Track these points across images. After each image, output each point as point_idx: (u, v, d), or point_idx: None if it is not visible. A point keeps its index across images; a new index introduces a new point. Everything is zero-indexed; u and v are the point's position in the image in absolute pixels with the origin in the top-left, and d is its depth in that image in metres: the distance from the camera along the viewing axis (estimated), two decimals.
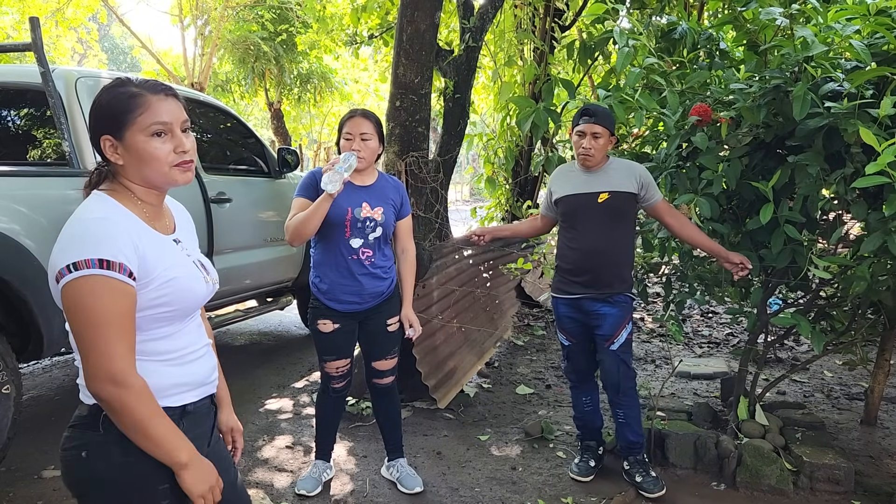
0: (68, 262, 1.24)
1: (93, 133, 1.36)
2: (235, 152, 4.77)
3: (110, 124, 1.33)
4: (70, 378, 4.59)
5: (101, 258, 1.24)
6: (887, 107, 2.33)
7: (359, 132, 2.74)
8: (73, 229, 1.29)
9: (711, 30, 3.39)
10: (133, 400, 1.25)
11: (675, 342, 5.76)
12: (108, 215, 1.31)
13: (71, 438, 1.36)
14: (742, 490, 3.11)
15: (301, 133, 22.10)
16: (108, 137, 1.33)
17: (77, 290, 1.24)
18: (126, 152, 1.34)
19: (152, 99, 1.34)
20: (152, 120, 1.33)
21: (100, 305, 1.24)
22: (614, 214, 2.98)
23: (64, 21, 14.22)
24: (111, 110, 1.33)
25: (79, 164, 3.22)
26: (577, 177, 3.06)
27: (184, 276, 1.40)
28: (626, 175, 2.98)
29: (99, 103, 1.35)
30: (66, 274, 1.24)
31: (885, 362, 3.74)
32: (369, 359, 2.99)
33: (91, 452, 1.33)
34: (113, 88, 1.35)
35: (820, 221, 3.19)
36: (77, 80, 3.34)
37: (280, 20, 13.78)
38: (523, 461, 3.42)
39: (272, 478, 3.19)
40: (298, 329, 6.17)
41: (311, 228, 2.64)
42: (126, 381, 1.25)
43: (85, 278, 1.24)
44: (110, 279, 1.25)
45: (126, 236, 1.30)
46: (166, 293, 1.35)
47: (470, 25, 4.56)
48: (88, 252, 1.24)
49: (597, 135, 2.92)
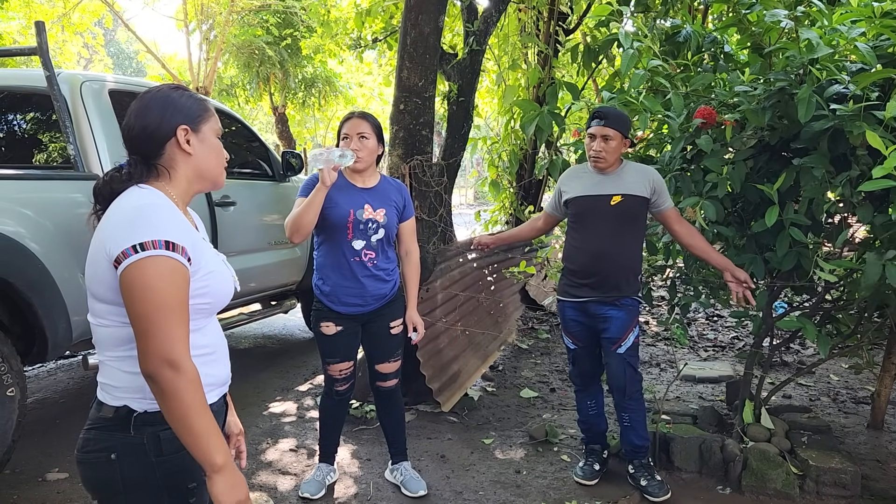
0: (134, 243, 1.24)
1: (162, 123, 1.39)
2: (240, 156, 4.78)
3: (188, 116, 1.42)
4: (75, 381, 4.59)
5: (167, 240, 1.26)
6: (893, 109, 2.32)
7: (356, 132, 2.75)
8: (130, 215, 1.29)
9: (716, 32, 3.38)
10: (186, 386, 1.24)
11: (679, 345, 5.74)
12: (162, 202, 1.34)
13: (95, 440, 1.35)
14: (748, 494, 3.09)
15: (305, 137, 22.15)
16: (186, 127, 1.40)
17: (143, 270, 1.24)
18: (200, 143, 1.43)
19: (211, 108, 1.49)
20: (217, 124, 1.48)
21: (164, 286, 1.25)
22: (626, 218, 2.97)
23: (70, 26, 14.30)
24: (188, 105, 1.42)
25: (84, 167, 3.23)
26: (589, 178, 3.05)
27: (220, 271, 1.43)
28: (640, 179, 2.97)
29: (171, 98, 1.42)
30: (130, 254, 1.24)
31: (892, 366, 3.72)
32: (373, 361, 2.99)
33: (121, 454, 1.33)
34: (183, 90, 1.46)
35: (825, 224, 3.18)
36: (82, 84, 3.35)
37: (285, 24, 13.84)
38: (527, 465, 3.41)
39: (276, 481, 3.19)
40: (302, 332, 6.17)
41: (308, 220, 2.63)
42: (183, 365, 1.25)
43: (152, 258, 1.24)
44: (175, 261, 1.27)
45: (181, 223, 1.33)
46: (207, 284, 1.38)
47: (474, 29, 4.56)
48: (154, 233, 1.25)
49: (607, 137, 2.91)
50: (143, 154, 1.40)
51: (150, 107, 1.40)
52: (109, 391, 1.36)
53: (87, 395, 4.30)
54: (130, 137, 1.40)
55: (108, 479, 1.35)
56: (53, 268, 2.91)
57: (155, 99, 1.41)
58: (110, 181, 1.38)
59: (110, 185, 1.37)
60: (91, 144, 3.27)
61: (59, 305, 2.95)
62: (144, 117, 1.39)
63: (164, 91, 1.43)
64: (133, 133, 1.39)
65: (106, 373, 1.37)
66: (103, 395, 1.37)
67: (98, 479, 1.36)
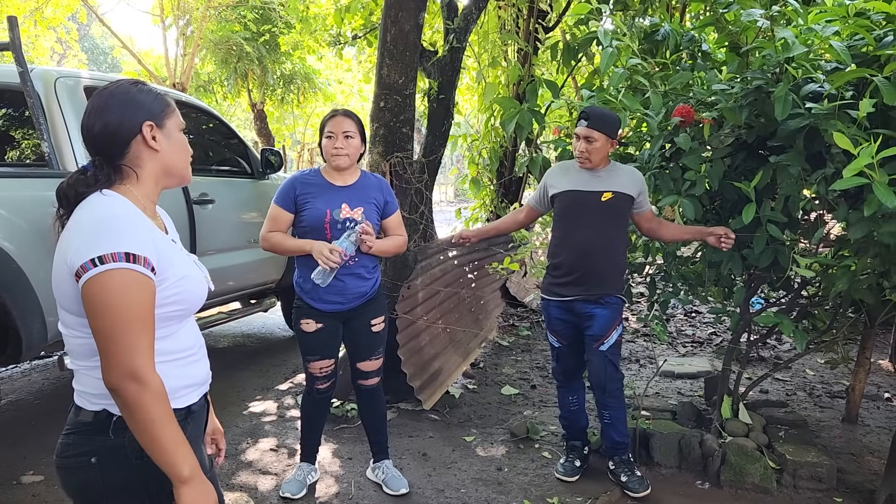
0: (93, 256, 1.22)
1: (125, 120, 1.36)
2: (218, 153, 4.73)
3: (151, 111, 1.39)
4: (50, 382, 4.52)
5: (128, 252, 1.24)
6: (866, 108, 2.36)
7: (341, 130, 2.74)
8: (90, 226, 1.26)
9: (694, 31, 3.40)
10: (150, 399, 1.23)
11: (659, 342, 5.79)
12: (126, 211, 1.31)
13: (74, 445, 1.34)
14: (726, 488, 3.13)
15: (284, 134, 22.00)
16: (151, 123, 1.38)
17: (103, 284, 1.22)
18: (166, 139, 1.41)
19: (172, 102, 1.47)
20: (180, 118, 1.46)
21: (126, 300, 1.23)
22: (614, 215, 2.98)
23: (43, 20, 14.03)
24: (151, 100, 1.40)
25: (58, 164, 3.18)
26: (578, 174, 3.05)
27: (192, 275, 1.41)
28: (630, 179, 3.00)
29: (132, 93, 1.39)
30: (90, 268, 1.22)
31: (866, 360, 3.78)
32: (354, 359, 2.98)
33: (102, 458, 1.32)
34: (142, 84, 1.43)
35: (801, 221, 3.22)
36: (56, 80, 3.30)
37: (263, 20, 13.70)
38: (509, 462, 3.42)
39: (256, 481, 3.17)
40: (282, 331, 6.14)
41: (285, 254, 2.66)
42: (147, 378, 1.23)
43: (111, 272, 1.22)
44: (137, 273, 1.25)
45: (146, 231, 1.31)
46: (179, 291, 1.36)
47: (454, 26, 4.55)
48: (113, 246, 1.23)
49: (590, 139, 2.92)
50: (107, 154, 1.36)
51: (110, 104, 1.35)
52: (86, 397, 1.34)
53: (62, 396, 4.24)
54: (92, 137, 1.35)
55: (89, 483, 1.33)
56: (28, 268, 2.85)
57: (115, 96, 1.37)
58: (75, 184, 1.33)
59: (75, 188, 1.33)
60: (66, 142, 3.22)
61: (34, 306, 2.89)
62: (106, 115, 1.35)
63: (124, 87, 1.39)
64: (95, 132, 1.35)
65: (81, 380, 1.35)
66: (81, 400, 1.35)
67: (79, 484, 1.34)
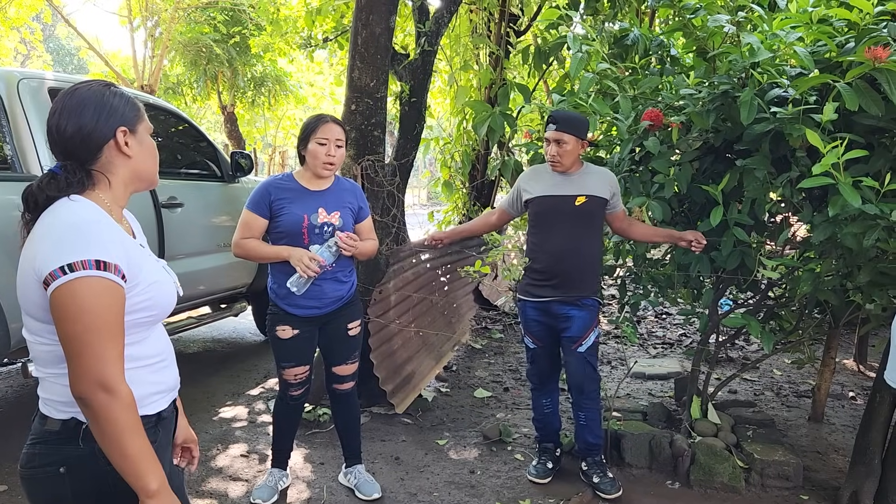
0: (62, 264, 1.19)
1: (99, 124, 1.33)
2: (187, 156, 4.67)
3: (125, 117, 1.37)
4: (13, 389, 4.42)
5: (98, 259, 1.21)
6: (829, 112, 2.41)
7: (334, 138, 2.73)
8: (59, 232, 1.23)
9: (662, 36, 3.45)
10: (119, 408, 1.20)
11: (629, 343, 5.85)
12: (96, 217, 1.28)
13: (42, 455, 1.30)
14: (696, 488, 3.16)
15: (255, 137, 21.77)
16: (125, 129, 1.37)
17: (72, 291, 1.19)
18: (138, 145, 1.40)
19: (142, 106, 1.44)
20: (148, 122, 1.45)
21: (96, 308, 1.20)
22: (588, 218, 3.00)
23: (6, 21, 13.73)
24: (124, 105, 1.38)
25: (22, 168, 3.11)
26: (551, 178, 3.06)
27: (162, 281, 1.39)
28: (602, 181, 3.02)
29: (106, 97, 1.36)
30: (59, 276, 1.19)
31: (831, 360, 3.85)
32: (330, 364, 2.96)
33: (71, 467, 1.29)
34: (115, 87, 1.40)
35: (768, 224, 3.28)
36: (20, 82, 3.23)
37: (233, 22, 13.55)
38: (481, 465, 3.42)
39: (227, 487, 3.13)
40: (253, 336, 6.07)
41: (260, 261, 2.64)
42: (116, 387, 1.21)
43: (81, 280, 1.19)
44: (107, 281, 1.22)
45: (116, 238, 1.28)
46: (149, 297, 1.34)
47: (425, 29, 4.56)
48: (83, 253, 1.21)
49: (560, 141, 2.94)
50: (77, 158, 1.32)
51: (84, 106, 1.32)
52: (53, 405, 1.30)
53: (26, 404, 4.14)
54: (63, 140, 1.31)
55: (57, 493, 1.30)
56: None
57: (89, 98, 1.33)
58: (45, 188, 1.29)
59: (45, 192, 1.29)
60: (29, 144, 3.15)
61: None
62: (79, 117, 1.31)
63: (97, 89, 1.35)
64: (66, 135, 1.30)
65: (47, 388, 1.31)
66: (47, 408, 1.31)
67: (46, 495, 1.31)
